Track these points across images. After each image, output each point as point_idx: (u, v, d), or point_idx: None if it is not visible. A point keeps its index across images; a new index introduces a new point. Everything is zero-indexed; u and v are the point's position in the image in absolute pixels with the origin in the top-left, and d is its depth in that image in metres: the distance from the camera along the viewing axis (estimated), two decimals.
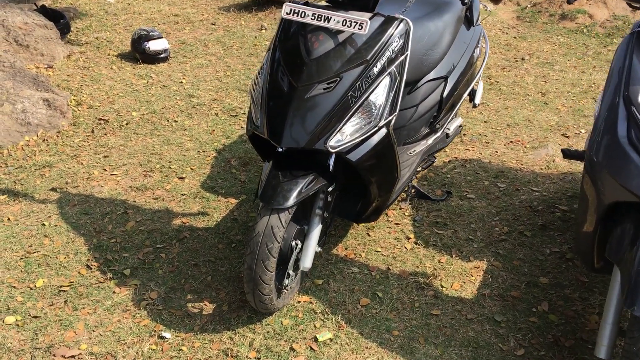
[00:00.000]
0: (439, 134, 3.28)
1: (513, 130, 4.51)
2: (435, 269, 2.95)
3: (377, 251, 3.08)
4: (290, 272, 2.55)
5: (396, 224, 3.32)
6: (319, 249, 2.65)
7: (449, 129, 3.37)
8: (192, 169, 3.88)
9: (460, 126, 3.54)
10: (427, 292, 2.79)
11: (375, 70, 2.41)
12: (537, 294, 2.81)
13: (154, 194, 3.61)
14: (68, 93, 4.86)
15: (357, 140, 2.39)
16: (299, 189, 2.36)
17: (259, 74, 2.58)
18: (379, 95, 2.42)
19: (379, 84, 2.41)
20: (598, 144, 2.20)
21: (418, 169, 3.22)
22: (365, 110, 2.40)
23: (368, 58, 2.39)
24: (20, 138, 4.27)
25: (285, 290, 2.57)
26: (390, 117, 2.46)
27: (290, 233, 2.51)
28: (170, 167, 3.89)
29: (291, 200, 2.33)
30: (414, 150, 3.13)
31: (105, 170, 3.87)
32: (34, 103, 4.48)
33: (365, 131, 2.41)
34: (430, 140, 3.22)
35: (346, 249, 3.09)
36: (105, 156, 4.04)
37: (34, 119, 4.39)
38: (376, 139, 2.46)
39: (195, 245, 3.14)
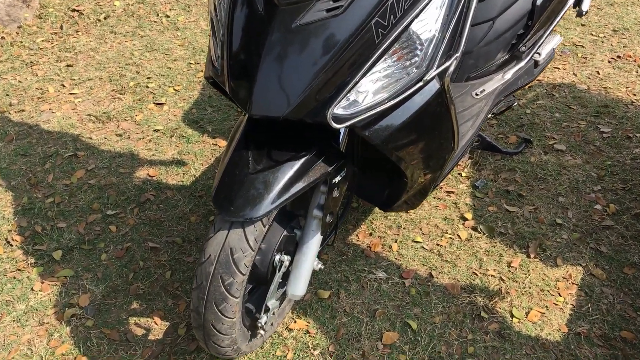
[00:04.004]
0: (523, 62, 2.15)
1: (621, 39, 3.27)
2: (503, 279, 1.96)
3: (417, 242, 2.09)
4: (271, 303, 1.61)
5: (448, 192, 2.29)
6: (319, 266, 1.68)
7: (539, 53, 2.21)
8: (175, 89, 2.88)
9: (555, 49, 2.36)
10: (488, 326, 1.82)
11: None
12: None
13: (118, 127, 2.65)
14: None
15: (386, 104, 1.33)
16: (279, 185, 1.36)
17: None
18: (429, 21, 1.32)
19: (429, 1, 1.30)
20: None
21: (489, 116, 2.14)
22: (403, 49, 1.32)
23: None
24: None
25: (262, 331, 1.64)
26: (447, 63, 1.37)
27: (272, 241, 1.54)
28: (148, 86, 2.90)
29: (265, 207, 1.34)
30: (483, 91, 2.04)
31: (63, 86, 2.92)
32: None
33: (400, 88, 1.34)
34: (509, 73, 2.10)
35: (371, 234, 2.12)
36: (68, 65, 3.07)
37: None
38: (419, 100, 1.39)
39: (159, 215, 2.23)
